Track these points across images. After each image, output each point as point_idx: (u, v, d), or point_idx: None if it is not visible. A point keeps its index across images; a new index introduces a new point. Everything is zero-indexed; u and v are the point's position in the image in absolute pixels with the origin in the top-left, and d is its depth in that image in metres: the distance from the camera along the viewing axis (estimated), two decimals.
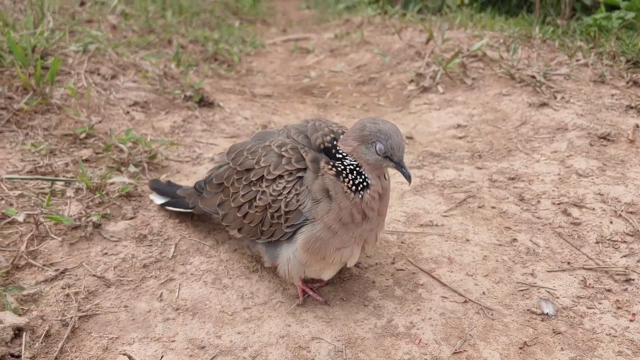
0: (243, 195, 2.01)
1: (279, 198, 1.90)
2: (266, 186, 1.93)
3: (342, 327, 1.94)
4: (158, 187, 2.60)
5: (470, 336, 1.91)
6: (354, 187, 1.84)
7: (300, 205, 1.87)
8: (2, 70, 3.39)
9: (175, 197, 2.49)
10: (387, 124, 1.85)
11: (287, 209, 1.89)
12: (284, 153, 1.92)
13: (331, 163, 1.88)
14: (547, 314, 2.01)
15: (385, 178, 1.95)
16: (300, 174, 1.88)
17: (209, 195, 2.21)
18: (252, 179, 1.97)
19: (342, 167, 1.87)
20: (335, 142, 1.94)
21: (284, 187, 1.89)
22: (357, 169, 1.87)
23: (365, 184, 1.86)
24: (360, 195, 1.85)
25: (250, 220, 2.01)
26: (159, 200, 2.54)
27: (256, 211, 1.97)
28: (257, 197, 1.96)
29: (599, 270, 2.26)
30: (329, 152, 1.92)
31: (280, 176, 1.90)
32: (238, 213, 2.04)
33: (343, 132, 1.98)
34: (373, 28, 7.84)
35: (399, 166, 1.85)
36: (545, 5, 7.91)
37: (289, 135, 2.04)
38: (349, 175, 1.85)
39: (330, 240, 1.88)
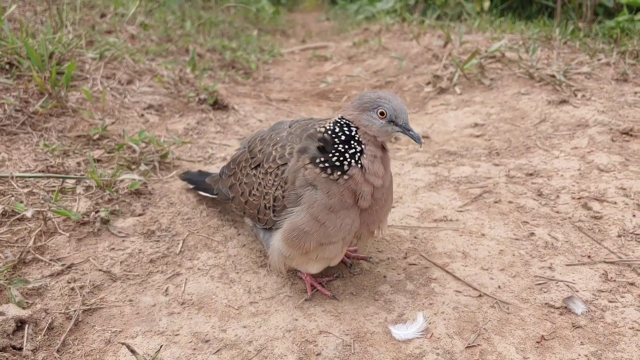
0: (246, 183, 2.06)
1: (269, 191, 1.92)
2: (262, 178, 1.97)
3: (351, 322, 1.88)
4: (189, 177, 2.70)
5: (485, 330, 1.83)
6: (348, 157, 1.75)
7: (285, 199, 1.86)
8: (20, 75, 3.42)
9: (204, 184, 2.54)
10: (387, 92, 1.80)
11: (275, 203, 1.90)
12: (273, 151, 1.93)
13: (319, 157, 1.79)
14: (576, 313, 1.90)
15: (385, 151, 1.86)
16: (284, 168, 1.87)
17: (226, 177, 2.27)
18: (253, 166, 2.03)
19: (338, 143, 1.78)
20: (330, 132, 1.82)
21: (273, 183, 1.91)
22: (354, 139, 1.78)
23: (359, 155, 1.77)
24: (360, 165, 1.76)
25: (250, 206, 2.05)
26: (191, 185, 2.66)
27: (254, 199, 2.01)
28: (255, 187, 2.01)
29: (621, 264, 2.15)
30: (326, 141, 1.81)
31: (270, 170, 1.93)
32: (242, 197, 2.09)
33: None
34: (391, 35, 7.80)
35: (405, 129, 1.77)
36: (567, 10, 7.79)
37: (290, 129, 2.01)
38: (341, 145, 1.77)
39: (313, 234, 1.81)
